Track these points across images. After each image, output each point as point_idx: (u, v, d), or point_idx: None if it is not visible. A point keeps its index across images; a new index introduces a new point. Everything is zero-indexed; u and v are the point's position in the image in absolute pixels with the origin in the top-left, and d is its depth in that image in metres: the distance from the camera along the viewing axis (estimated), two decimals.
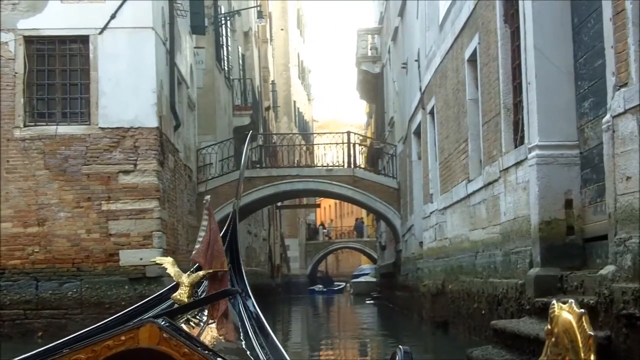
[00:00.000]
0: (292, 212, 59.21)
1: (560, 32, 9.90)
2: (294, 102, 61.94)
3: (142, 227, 18.77)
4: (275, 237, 48.83)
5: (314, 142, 30.22)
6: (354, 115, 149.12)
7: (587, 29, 9.45)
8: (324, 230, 72.23)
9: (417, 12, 20.02)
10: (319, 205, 61.68)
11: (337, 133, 29.08)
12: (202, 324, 6.27)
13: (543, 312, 9.41)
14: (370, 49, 34.77)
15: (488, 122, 12.40)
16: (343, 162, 27.96)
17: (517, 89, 11.42)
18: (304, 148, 39.04)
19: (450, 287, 15.61)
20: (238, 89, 33.75)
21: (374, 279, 48.25)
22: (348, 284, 59.86)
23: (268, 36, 48.74)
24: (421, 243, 20.70)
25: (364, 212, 74.23)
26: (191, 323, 6.13)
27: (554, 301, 3.88)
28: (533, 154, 9.83)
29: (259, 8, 34.36)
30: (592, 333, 3.48)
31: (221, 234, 6.98)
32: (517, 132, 11.39)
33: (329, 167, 27.47)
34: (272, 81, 50.35)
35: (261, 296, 8.05)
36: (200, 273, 6.33)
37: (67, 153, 18.69)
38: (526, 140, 10.33)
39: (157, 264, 6.83)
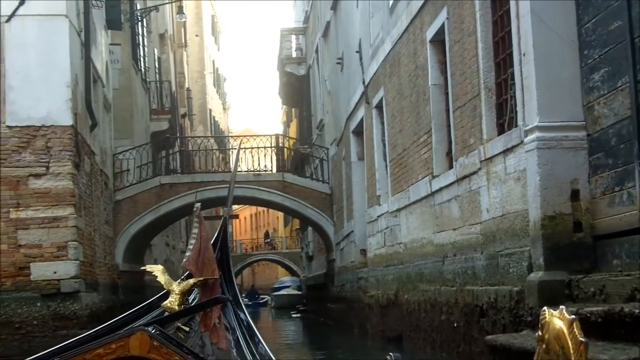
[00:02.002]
0: (209, 224, 56.89)
1: None
2: (210, 110, 59.97)
3: (56, 237, 16.75)
4: None
5: (242, 147, 28.07)
6: (270, 124, 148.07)
7: None
8: (267, 240, 70.53)
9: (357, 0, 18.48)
10: (237, 217, 59.84)
11: (264, 136, 27.31)
12: (192, 332, 6.16)
13: None
14: (295, 50, 33.16)
15: (461, 107, 10.85)
16: (258, 167, 26.23)
17: (500, 66, 9.94)
18: (229, 153, 37.28)
19: (406, 297, 14.03)
20: (155, 93, 31.80)
21: (296, 292, 46.69)
22: (269, 298, 58.05)
23: (183, 41, 46.84)
24: (363, 250, 19.12)
25: (281, 224, 72.77)
26: (181, 331, 5.94)
27: (545, 308, 3.76)
28: (532, 136, 8.32)
29: (179, 3, 32.43)
30: (583, 339, 3.42)
31: (212, 242, 6.79)
32: (501, 116, 9.88)
33: (257, 172, 25.68)
34: (188, 88, 48.41)
35: None
36: (191, 281, 6.20)
37: None
38: (520, 122, 8.81)
39: (147, 271, 6.50)
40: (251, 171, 25.95)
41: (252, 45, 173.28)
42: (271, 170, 26.40)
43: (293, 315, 37.61)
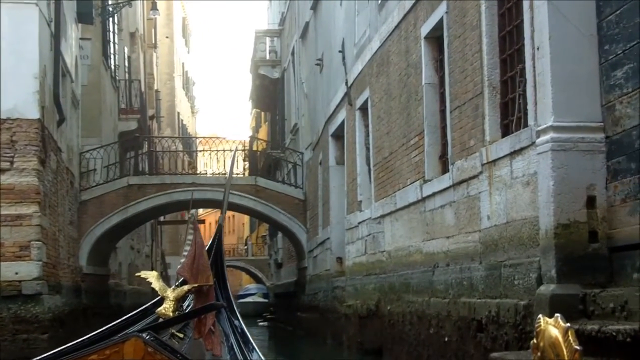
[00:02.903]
0: (173, 228, 56.36)
1: None
2: (178, 113, 59.04)
3: (19, 236, 15.85)
4: (156, 254, 45.90)
5: (219, 149, 27.11)
6: (238, 129, 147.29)
7: None
8: (245, 247, 69.70)
9: None
10: (203, 222, 58.71)
11: (239, 142, 26.56)
12: (187, 338, 6.25)
13: None
14: (269, 52, 32.41)
15: (461, 106, 10.17)
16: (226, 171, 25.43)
17: (506, 63, 9.27)
18: (196, 156, 36.40)
19: (389, 308, 13.32)
20: (124, 92, 30.91)
21: (262, 299, 45.91)
22: None
23: (153, 41, 46.00)
24: (340, 258, 18.42)
25: (247, 230, 71.83)
26: (176, 337, 6.04)
27: (540, 315, 3.89)
28: (546, 137, 7.64)
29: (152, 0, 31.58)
30: (578, 347, 3.48)
31: (206, 248, 6.82)
32: (506, 116, 9.21)
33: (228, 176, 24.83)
34: (156, 90, 47.52)
35: None
36: (186, 287, 6.27)
37: None
38: (531, 122, 8.14)
39: (142, 277, 6.63)
40: (223, 174, 25.17)
41: (222, 51, 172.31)
42: (243, 174, 25.58)
43: (260, 324, 36.77)
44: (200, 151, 27.69)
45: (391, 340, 13.22)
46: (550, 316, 7.44)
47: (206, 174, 28.92)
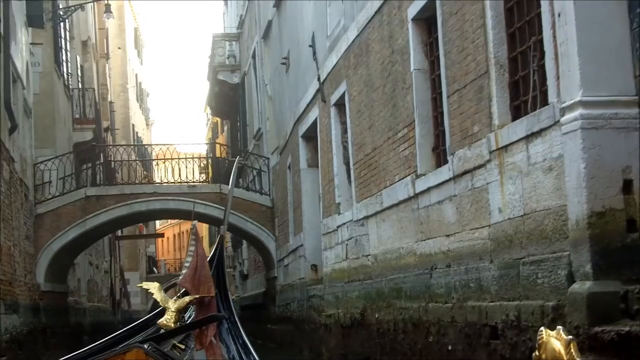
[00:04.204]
0: (132, 243, 55.12)
1: None
2: (133, 125, 57.75)
3: None
4: (115, 270, 44.60)
5: (180, 158, 25.84)
6: (194, 141, 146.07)
7: None
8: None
9: None
10: (162, 235, 57.40)
11: (199, 144, 25.47)
12: (188, 349, 6.27)
13: (610, 349, 6.24)
14: (228, 57, 31.31)
15: (460, 89, 9.19)
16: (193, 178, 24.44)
17: (514, 38, 8.32)
18: (152, 168, 35.17)
19: (377, 316, 12.31)
20: (78, 101, 29.60)
21: None
22: None
23: (106, 52, 44.75)
24: (314, 265, 17.41)
25: (206, 244, 70.56)
26: (177, 349, 6.00)
27: (542, 328, 3.87)
28: (573, 114, 6.71)
29: (106, 2, 30.31)
30: None
31: (208, 259, 6.81)
32: (516, 97, 8.26)
33: (192, 184, 23.77)
34: (110, 101, 46.28)
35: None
36: (187, 298, 6.28)
37: None
38: (553, 99, 7.19)
39: (143, 288, 6.41)
40: (185, 182, 24.06)
41: (175, 63, 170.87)
42: (207, 182, 24.50)
43: None
44: (160, 159, 26.44)
45: (380, 350, 12.23)
46: (588, 317, 6.54)
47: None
